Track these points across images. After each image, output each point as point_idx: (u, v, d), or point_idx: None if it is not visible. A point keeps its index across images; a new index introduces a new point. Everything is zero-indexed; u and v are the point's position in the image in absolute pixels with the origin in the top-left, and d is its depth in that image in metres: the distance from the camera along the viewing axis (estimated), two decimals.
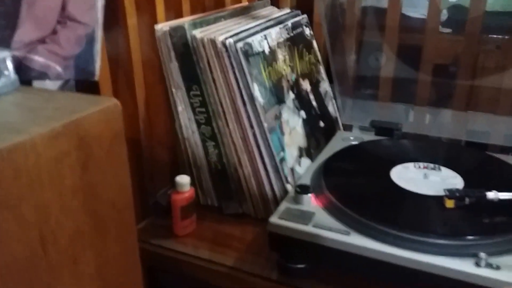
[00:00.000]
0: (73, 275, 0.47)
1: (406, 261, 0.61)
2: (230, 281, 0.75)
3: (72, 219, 0.46)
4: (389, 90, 1.07)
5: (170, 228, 0.83)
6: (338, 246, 0.65)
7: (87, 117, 0.46)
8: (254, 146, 0.82)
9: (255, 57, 0.82)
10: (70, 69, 0.61)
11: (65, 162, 0.45)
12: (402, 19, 1.04)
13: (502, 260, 0.59)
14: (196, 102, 0.83)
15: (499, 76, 0.97)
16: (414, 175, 0.77)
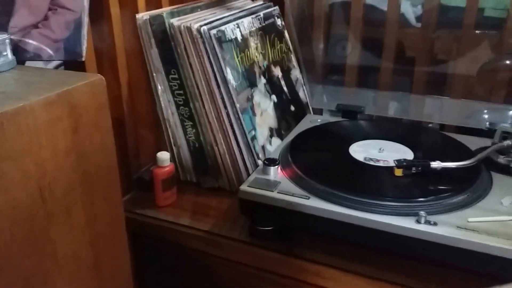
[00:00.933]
0: (66, 224, 0.55)
1: (357, 220, 0.70)
2: (206, 244, 0.83)
3: (65, 176, 0.54)
4: (355, 77, 1.16)
5: (153, 199, 0.91)
6: (299, 209, 0.74)
7: (76, 88, 0.54)
8: (228, 125, 0.90)
9: (228, 44, 0.90)
10: (60, 51, 0.69)
11: (59, 126, 0.53)
12: (368, 11, 1.13)
13: (439, 218, 0.68)
14: (174, 85, 0.91)
15: (452, 63, 1.07)
16: (370, 150, 0.86)
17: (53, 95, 0.52)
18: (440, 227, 0.66)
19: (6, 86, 0.55)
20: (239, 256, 0.82)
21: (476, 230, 0.65)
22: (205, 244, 0.84)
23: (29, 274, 0.52)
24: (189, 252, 0.85)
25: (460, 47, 1.05)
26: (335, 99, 1.15)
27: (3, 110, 0.47)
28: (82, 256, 0.59)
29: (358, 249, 0.75)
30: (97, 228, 0.60)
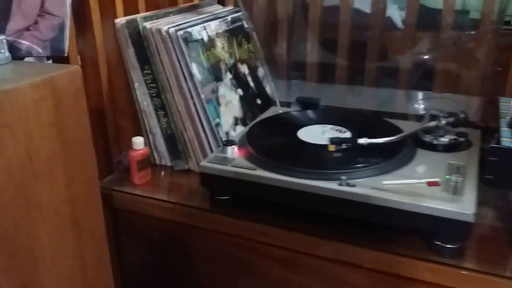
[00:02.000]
0: (49, 181, 0.70)
1: (292, 185, 0.84)
2: (175, 213, 0.98)
3: (49, 144, 0.69)
4: (315, 72, 1.31)
5: (130, 180, 1.06)
6: (247, 178, 0.89)
7: (57, 75, 0.70)
8: (194, 113, 1.05)
9: (194, 43, 1.06)
10: (47, 49, 0.85)
11: (43, 104, 0.68)
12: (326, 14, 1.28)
13: (357, 181, 0.82)
14: (148, 79, 1.06)
15: (399, 58, 1.21)
16: (314, 132, 1.01)
17: (39, 80, 0.67)
18: (357, 188, 0.81)
19: (3, 75, 0.70)
20: (202, 222, 0.96)
21: (386, 190, 0.80)
22: (174, 214, 0.98)
23: (18, 218, 0.66)
24: (160, 222, 1.00)
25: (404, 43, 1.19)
26: (297, 93, 1.29)
27: (1, 89, 0.62)
28: (63, 210, 0.74)
29: (296, 210, 0.89)
30: (75, 188, 0.75)
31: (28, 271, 0.70)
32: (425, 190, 0.80)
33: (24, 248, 0.69)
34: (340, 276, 0.86)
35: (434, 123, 0.96)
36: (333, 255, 0.85)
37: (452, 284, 0.78)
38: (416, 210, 0.77)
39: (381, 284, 0.83)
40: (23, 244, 0.69)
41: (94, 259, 0.82)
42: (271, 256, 0.91)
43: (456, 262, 0.78)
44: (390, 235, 0.83)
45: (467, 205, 0.76)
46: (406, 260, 0.80)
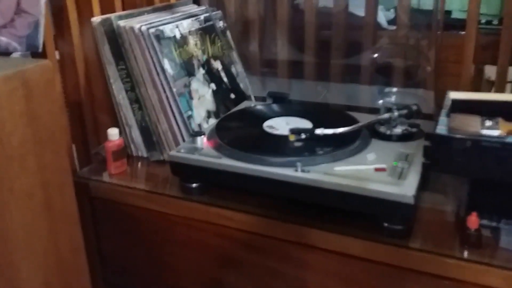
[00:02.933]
0: (21, 167, 0.76)
1: (253, 172, 0.91)
2: (148, 201, 1.04)
3: (20, 130, 0.75)
4: (285, 69, 1.37)
5: (107, 169, 1.12)
6: (213, 166, 0.95)
7: (29, 68, 0.76)
8: (167, 106, 1.11)
9: (167, 40, 1.12)
10: (23, 45, 0.91)
11: (16, 94, 0.74)
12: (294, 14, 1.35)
13: (312, 168, 0.89)
14: (123, 74, 1.12)
15: (363, 55, 1.28)
16: (279, 124, 1.07)
17: (10, 72, 0.73)
18: (311, 173, 0.87)
19: None
20: (174, 209, 1.02)
21: (337, 175, 0.86)
22: (148, 201, 1.04)
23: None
24: (135, 209, 1.06)
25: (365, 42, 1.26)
26: (270, 88, 1.36)
27: None
28: (35, 195, 0.80)
29: (258, 196, 0.95)
30: (47, 174, 0.81)
31: (1, 252, 0.76)
32: (372, 175, 0.87)
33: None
34: (299, 257, 0.92)
35: (388, 115, 1.03)
36: (292, 237, 0.91)
37: (399, 263, 0.85)
38: (362, 193, 0.83)
39: (335, 263, 0.89)
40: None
41: (67, 242, 0.88)
42: (238, 239, 0.97)
43: (403, 242, 0.84)
44: (343, 218, 0.90)
45: (408, 188, 0.82)
46: (357, 240, 0.87)
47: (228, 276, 1.00)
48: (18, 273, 0.78)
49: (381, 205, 0.83)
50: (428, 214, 0.92)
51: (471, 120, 0.83)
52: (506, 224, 0.82)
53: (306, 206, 0.92)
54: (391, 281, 0.86)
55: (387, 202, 0.82)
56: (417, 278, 0.84)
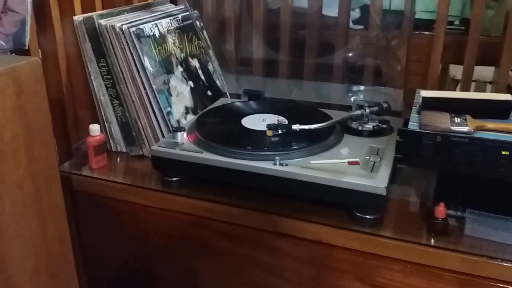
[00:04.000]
0: (13, 161, 0.79)
1: (233, 165, 0.95)
2: (129, 194, 1.07)
3: (12, 126, 0.78)
4: (260, 68, 1.42)
5: (88, 164, 1.15)
6: (194, 160, 0.99)
7: (19, 65, 0.78)
8: (147, 102, 1.15)
9: (146, 39, 1.15)
10: (10, 42, 0.93)
11: (7, 91, 0.77)
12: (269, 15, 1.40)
13: (289, 161, 0.94)
14: (104, 72, 1.15)
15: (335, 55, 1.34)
16: (256, 120, 1.12)
17: (2, 69, 0.76)
18: (289, 167, 0.93)
19: None
20: (154, 202, 1.06)
21: (313, 168, 0.92)
22: (128, 194, 1.08)
23: None
24: (116, 202, 1.09)
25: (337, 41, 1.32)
26: (245, 85, 1.40)
27: None
28: (25, 187, 0.83)
29: (238, 189, 1.00)
30: (36, 168, 0.84)
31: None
32: (346, 168, 0.92)
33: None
34: (275, 245, 0.97)
35: (360, 112, 1.09)
36: (270, 227, 0.96)
37: (371, 250, 0.91)
38: (337, 185, 0.89)
39: (311, 251, 0.95)
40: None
41: (55, 234, 0.91)
42: (217, 230, 1.01)
43: (374, 230, 0.91)
44: (319, 209, 0.95)
45: (380, 180, 0.88)
46: (332, 229, 0.92)
47: (207, 265, 1.05)
48: (10, 260, 0.81)
49: (356, 196, 0.88)
50: (397, 204, 0.99)
51: (441, 117, 0.89)
52: (470, 213, 0.89)
53: (281, 197, 0.97)
54: (363, 267, 0.92)
55: (361, 194, 0.88)
56: (387, 265, 0.90)
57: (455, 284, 0.86)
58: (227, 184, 1.00)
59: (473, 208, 0.89)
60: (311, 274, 0.96)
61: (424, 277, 0.88)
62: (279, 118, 1.13)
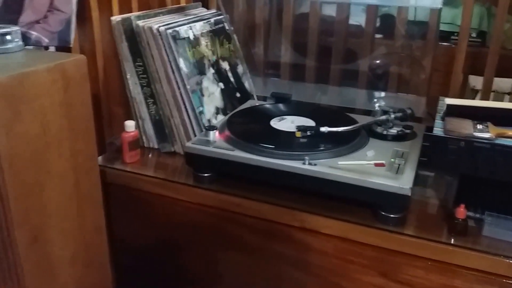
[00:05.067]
0: (58, 152, 0.84)
1: (264, 163, 0.99)
2: (162, 188, 1.12)
3: (58, 119, 0.83)
4: (287, 72, 1.46)
5: (121, 158, 1.20)
6: (226, 157, 1.03)
7: (67, 62, 0.84)
8: (181, 102, 1.19)
9: (182, 41, 1.20)
10: (54, 40, 0.99)
11: (55, 86, 0.82)
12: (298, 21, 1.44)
13: (318, 161, 0.98)
14: (139, 71, 1.20)
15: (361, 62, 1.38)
16: (285, 122, 1.16)
17: (52, 65, 0.81)
18: (317, 166, 0.96)
19: (21, 59, 0.84)
20: (186, 196, 1.10)
21: (340, 168, 0.96)
22: (161, 188, 1.12)
23: (32, 181, 0.80)
24: (148, 195, 1.14)
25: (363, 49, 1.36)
26: (272, 88, 1.45)
27: (22, 71, 0.76)
28: (67, 177, 0.88)
29: (266, 186, 1.04)
30: (78, 159, 0.89)
31: (38, 226, 0.84)
32: (373, 169, 0.96)
33: (36, 207, 0.82)
34: (304, 242, 1.01)
35: (385, 117, 1.12)
36: (297, 223, 1.00)
37: (394, 247, 0.94)
38: (364, 185, 0.93)
39: (336, 247, 0.98)
40: (35, 203, 0.82)
41: (92, 223, 0.96)
42: (245, 224, 1.05)
43: (398, 229, 0.94)
44: (345, 207, 0.99)
45: (405, 181, 0.92)
46: (357, 227, 0.96)
47: (234, 258, 1.09)
48: (52, 246, 0.86)
49: (381, 196, 0.92)
50: (419, 205, 1.02)
51: (465, 124, 0.93)
52: (489, 216, 0.92)
53: (308, 195, 1.01)
54: (386, 263, 0.95)
55: (386, 194, 0.91)
56: (410, 261, 0.93)
57: (473, 281, 0.89)
58: (257, 181, 1.04)
59: (492, 211, 0.92)
60: (336, 269, 1.00)
61: (444, 274, 0.91)
62: (307, 120, 1.17)
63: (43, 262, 0.85)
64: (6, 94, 0.73)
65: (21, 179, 0.78)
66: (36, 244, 0.82)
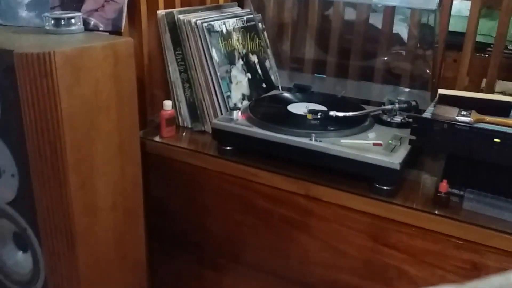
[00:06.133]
0: (107, 115, 1.03)
1: (278, 139, 1.16)
2: (192, 157, 1.30)
3: (108, 88, 1.03)
4: (310, 66, 1.63)
5: (159, 133, 1.39)
6: (245, 133, 1.21)
7: (117, 42, 1.03)
8: (211, 86, 1.38)
9: (215, 33, 1.39)
10: (109, 26, 1.19)
11: (107, 60, 1.01)
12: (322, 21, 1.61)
13: (323, 139, 1.14)
14: (179, 58, 1.39)
15: (377, 59, 1.53)
16: (300, 107, 1.33)
17: (106, 43, 1.01)
18: (322, 143, 1.13)
19: (81, 38, 1.04)
20: (212, 165, 1.28)
21: (342, 145, 1.12)
22: (191, 158, 1.31)
23: (84, 135, 1.00)
24: (180, 163, 1.33)
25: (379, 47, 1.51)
26: (296, 81, 1.62)
27: (82, 46, 0.96)
28: (113, 136, 1.07)
29: (278, 159, 1.21)
30: (122, 123, 1.08)
31: (86, 173, 1.03)
32: (370, 147, 1.12)
33: (86, 157, 1.02)
34: (308, 208, 1.17)
35: (390, 107, 1.27)
36: (303, 191, 1.16)
37: (384, 215, 1.09)
38: (360, 160, 1.08)
39: (335, 213, 1.14)
40: (85, 154, 1.02)
41: (131, 177, 1.15)
42: (260, 191, 1.22)
43: (389, 199, 1.09)
44: (344, 180, 1.14)
45: (396, 158, 1.07)
46: (354, 196, 1.11)
47: (249, 219, 1.26)
48: (96, 192, 1.05)
49: (375, 169, 1.07)
50: (412, 183, 1.17)
51: (451, 110, 1.06)
52: (470, 192, 1.06)
53: (314, 168, 1.17)
54: (377, 229, 1.10)
55: (379, 168, 1.07)
56: (397, 228, 1.08)
57: (451, 247, 1.03)
58: (271, 154, 1.21)
59: (473, 188, 1.05)
60: (333, 233, 1.15)
61: (426, 240, 1.05)
62: (320, 107, 1.33)
63: (89, 205, 1.04)
64: (69, 63, 0.92)
65: (76, 132, 0.98)
66: (84, 188, 1.02)
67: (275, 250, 1.25)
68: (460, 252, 1.03)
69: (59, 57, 0.88)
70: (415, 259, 1.08)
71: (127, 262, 1.19)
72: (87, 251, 1.06)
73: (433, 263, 1.06)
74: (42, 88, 0.88)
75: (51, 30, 1.08)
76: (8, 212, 1.07)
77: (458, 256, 1.03)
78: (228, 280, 1.37)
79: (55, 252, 1.02)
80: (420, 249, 1.07)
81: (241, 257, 1.31)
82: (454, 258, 1.04)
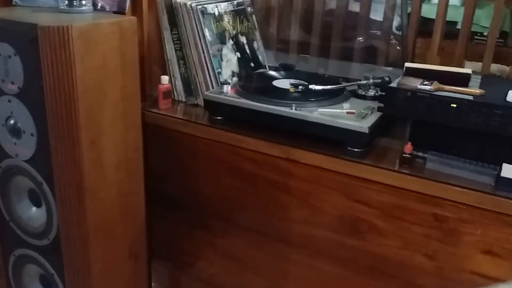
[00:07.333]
0: (113, 83, 1.18)
1: (262, 108, 1.31)
2: (185, 126, 1.45)
3: (114, 60, 1.17)
4: (295, 47, 1.78)
5: (157, 105, 1.54)
6: (234, 103, 1.36)
7: (123, 19, 1.18)
8: (204, 63, 1.53)
9: (208, 15, 1.54)
10: (115, 6, 1.33)
11: (114, 35, 1.16)
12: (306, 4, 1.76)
13: (303, 108, 1.29)
14: (175, 38, 1.54)
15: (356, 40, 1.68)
16: (285, 83, 1.48)
17: (113, 20, 1.15)
18: (301, 111, 1.28)
19: (91, 17, 1.19)
20: (203, 133, 1.43)
21: (319, 113, 1.27)
22: (185, 127, 1.46)
23: (94, 100, 1.15)
24: (175, 132, 1.48)
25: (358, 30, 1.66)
26: (282, 60, 1.77)
27: (93, 22, 1.11)
28: (118, 104, 1.21)
29: (263, 127, 1.36)
30: (126, 92, 1.22)
31: (95, 133, 1.18)
32: (344, 115, 1.27)
33: (95, 118, 1.17)
34: (289, 169, 1.32)
35: (365, 82, 1.43)
36: (284, 155, 1.32)
37: (355, 173, 1.24)
38: (333, 125, 1.24)
39: (312, 174, 1.29)
40: (94, 116, 1.16)
41: (132, 142, 1.30)
42: (246, 156, 1.38)
43: (360, 160, 1.24)
44: (321, 144, 1.29)
45: (366, 123, 1.22)
46: (328, 158, 1.27)
47: (236, 182, 1.41)
48: (103, 151, 1.20)
49: (346, 134, 1.23)
50: (382, 148, 1.32)
51: (415, 81, 1.22)
52: (432, 154, 1.21)
53: (295, 135, 1.33)
54: (348, 186, 1.26)
55: (350, 132, 1.22)
56: (367, 185, 1.23)
57: (414, 201, 1.18)
58: (257, 123, 1.36)
59: (435, 150, 1.21)
60: (311, 192, 1.31)
61: (393, 195, 1.20)
62: (302, 82, 1.49)
63: (97, 161, 1.19)
64: (83, 35, 1.07)
65: (87, 97, 1.12)
66: (93, 146, 1.17)
67: (260, 210, 1.41)
68: (423, 206, 1.18)
69: (75, 30, 1.03)
70: (383, 213, 1.23)
71: (129, 218, 1.35)
72: (95, 204, 1.21)
73: (399, 217, 1.22)
74: (60, 57, 1.03)
75: (64, 9, 1.23)
76: (26, 169, 1.22)
77: (421, 209, 1.18)
78: (218, 240, 1.53)
79: (67, 204, 1.17)
80: (387, 204, 1.22)
81: (230, 218, 1.47)
82: (418, 212, 1.19)
